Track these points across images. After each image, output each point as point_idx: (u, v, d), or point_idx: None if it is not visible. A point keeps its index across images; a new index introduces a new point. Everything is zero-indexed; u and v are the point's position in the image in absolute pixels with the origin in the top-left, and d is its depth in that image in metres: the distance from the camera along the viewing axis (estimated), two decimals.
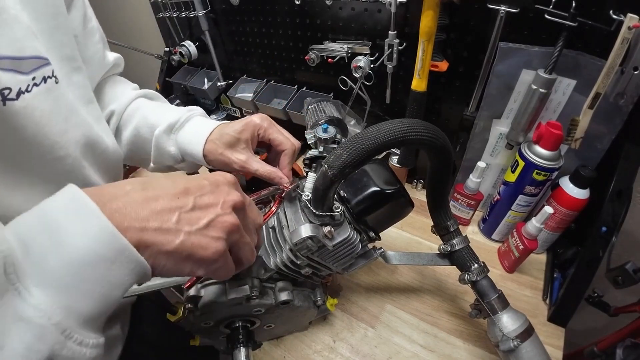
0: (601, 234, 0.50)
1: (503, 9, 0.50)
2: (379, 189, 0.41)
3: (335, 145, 0.49)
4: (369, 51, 0.68)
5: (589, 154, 0.55)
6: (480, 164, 0.62)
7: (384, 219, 0.45)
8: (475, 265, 0.46)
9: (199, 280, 0.38)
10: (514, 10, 0.50)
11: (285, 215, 0.41)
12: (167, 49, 1.03)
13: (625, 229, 0.59)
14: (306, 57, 0.75)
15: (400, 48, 0.62)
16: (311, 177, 0.40)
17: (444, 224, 0.47)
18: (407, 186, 0.81)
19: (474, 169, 0.63)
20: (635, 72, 0.44)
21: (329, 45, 0.72)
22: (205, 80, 1.00)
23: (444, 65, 0.60)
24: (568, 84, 0.52)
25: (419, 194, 0.79)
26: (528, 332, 0.41)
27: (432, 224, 0.49)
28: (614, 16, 0.43)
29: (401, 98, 0.70)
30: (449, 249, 0.47)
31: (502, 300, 0.44)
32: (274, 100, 0.90)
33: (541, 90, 0.51)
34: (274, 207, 0.40)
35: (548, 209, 0.52)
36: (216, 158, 0.43)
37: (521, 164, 0.56)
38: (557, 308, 0.53)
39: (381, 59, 0.64)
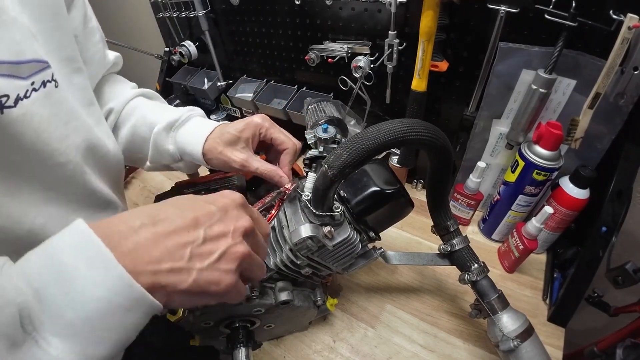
0: (601, 234, 0.50)
1: (503, 9, 0.50)
2: (379, 189, 0.41)
3: (335, 145, 0.49)
4: (369, 51, 0.67)
5: (589, 154, 0.55)
6: (480, 164, 0.62)
7: (384, 219, 0.45)
8: (475, 265, 0.46)
9: None
10: (514, 10, 0.50)
11: (285, 215, 0.41)
12: (167, 49, 1.03)
13: (625, 229, 0.59)
14: (306, 57, 0.74)
15: (400, 48, 0.62)
16: (311, 177, 0.40)
17: (444, 224, 0.47)
18: (407, 186, 0.81)
19: (474, 169, 0.63)
20: (635, 72, 0.44)
21: (329, 45, 0.72)
22: (205, 80, 1.00)
23: (444, 65, 0.60)
24: (568, 84, 0.52)
25: (419, 194, 0.79)
26: (528, 332, 0.41)
27: (432, 224, 0.49)
28: (614, 16, 0.43)
29: (401, 98, 0.70)
30: (449, 249, 0.48)
31: (502, 300, 0.44)
32: (274, 100, 0.90)
33: (541, 90, 0.51)
34: (274, 210, 0.40)
35: (548, 209, 0.52)
36: (215, 157, 0.43)
37: (521, 164, 0.56)
38: (557, 308, 0.53)
39: (381, 59, 0.64)
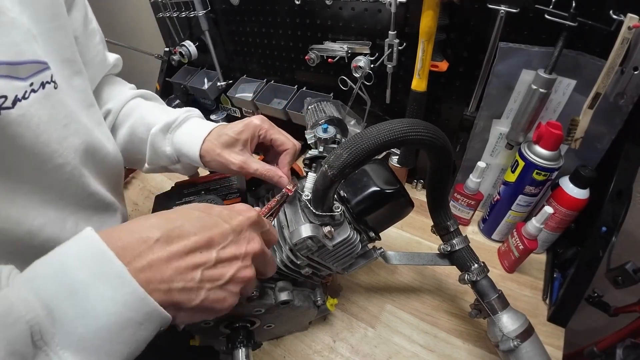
0: (601, 234, 0.50)
1: (503, 9, 0.50)
2: (379, 189, 0.41)
3: (335, 145, 0.49)
4: (369, 51, 0.67)
5: (589, 154, 0.55)
6: (480, 164, 0.62)
7: (384, 219, 0.45)
8: (475, 265, 0.46)
9: None
10: (514, 10, 0.50)
11: (285, 215, 0.41)
12: (167, 49, 1.03)
13: (625, 229, 0.59)
14: (306, 57, 0.74)
15: (400, 48, 0.62)
16: (311, 177, 0.40)
17: (444, 224, 0.47)
18: (407, 186, 0.81)
19: (474, 169, 0.63)
20: (635, 72, 0.44)
21: (329, 45, 0.72)
22: (205, 80, 1.00)
23: (444, 65, 0.60)
24: (568, 84, 0.52)
25: (419, 194, 0.79)
26: (528, 332, 0.41)
27: (432, 224, 0.49)
28: (614, 16, 0.43)
29: (401, 98, 0.70)
30: (449, 249, 0.48)
31: (502, 300, 0.44)
32: (274, 100, 0.90)
33: (541, 90, 0.51)
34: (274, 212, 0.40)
35: (548, 209, 0.52)
36: (213, 159, 0.42)
37: (521, 164, 0.56)
38: (557, 308, 0.53)
39: (381, 59, 0.64)
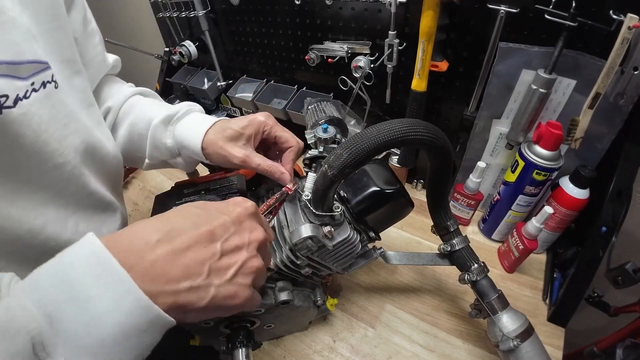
0: (601, 234, 0.50)
1: (503, 9, 0.50)
2: (379, 189, 0.41)
3: (335, 145, 0.49)
4: (369, 51, 0.67)
5: (589, 154, 0.55)
6: (480, 164, 0.62)
7: (384, 219, 0.45)
8: (475, 265, 0.46)
9: None
10: (514, 10, 0.50)
11: (285, 215, 0.41)
12: (167, 49, 1.03)
13: (625, 229, 0.59)
14: (306, 57, 0.74)
15: (400, 48, 0.62)
16: (311, 177, 0.40)
17: (444, 224, 0.47)
18: (407, 186, 0.81)
19: (474, 169, 0.63)
20: (635, 72, 0.44)
21: (329, 45, 0.72)
22: (205, 80, 1.00)
23: (444, 65, 0.60)
24: (568, 84, 0.52)
25: (419, 194, 0.79)
26: (528, 332, 0.41)
27: (432, 224, 0.49)
28: (614, 16, 0.43)
29: (401, 98, 0.70)
30: (449, 249, 0.48)
31: (502, 300, 0.44)
32: (274, 100, 0.90)
33: (541, 90, 0.51)
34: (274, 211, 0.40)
35: (548, 209, 0.52)
36: (215, 151, 0.42)
37: (521, 164, 0.56)
38: (557, 308, 0.53)
39: (381, 59, 0.64)
